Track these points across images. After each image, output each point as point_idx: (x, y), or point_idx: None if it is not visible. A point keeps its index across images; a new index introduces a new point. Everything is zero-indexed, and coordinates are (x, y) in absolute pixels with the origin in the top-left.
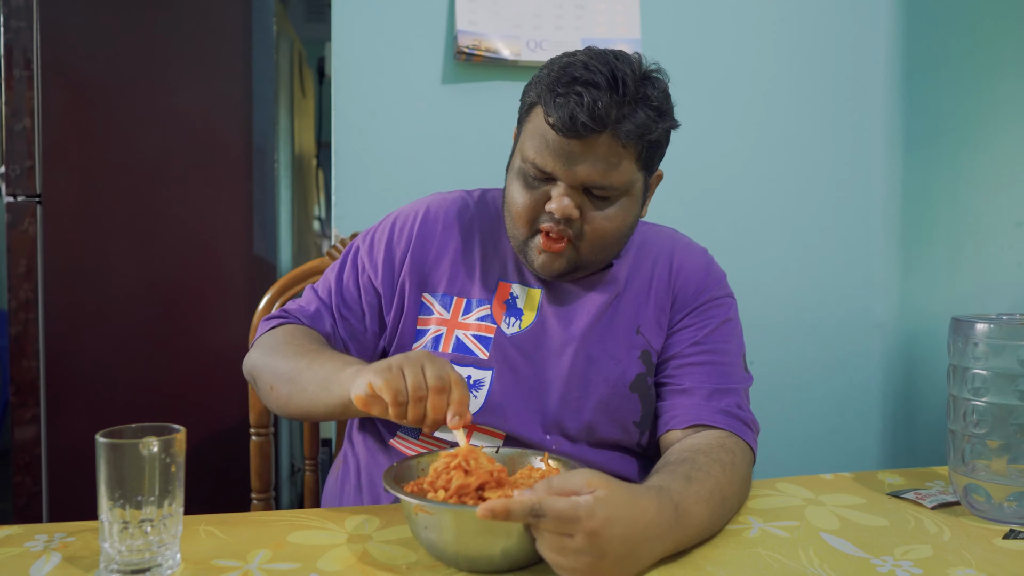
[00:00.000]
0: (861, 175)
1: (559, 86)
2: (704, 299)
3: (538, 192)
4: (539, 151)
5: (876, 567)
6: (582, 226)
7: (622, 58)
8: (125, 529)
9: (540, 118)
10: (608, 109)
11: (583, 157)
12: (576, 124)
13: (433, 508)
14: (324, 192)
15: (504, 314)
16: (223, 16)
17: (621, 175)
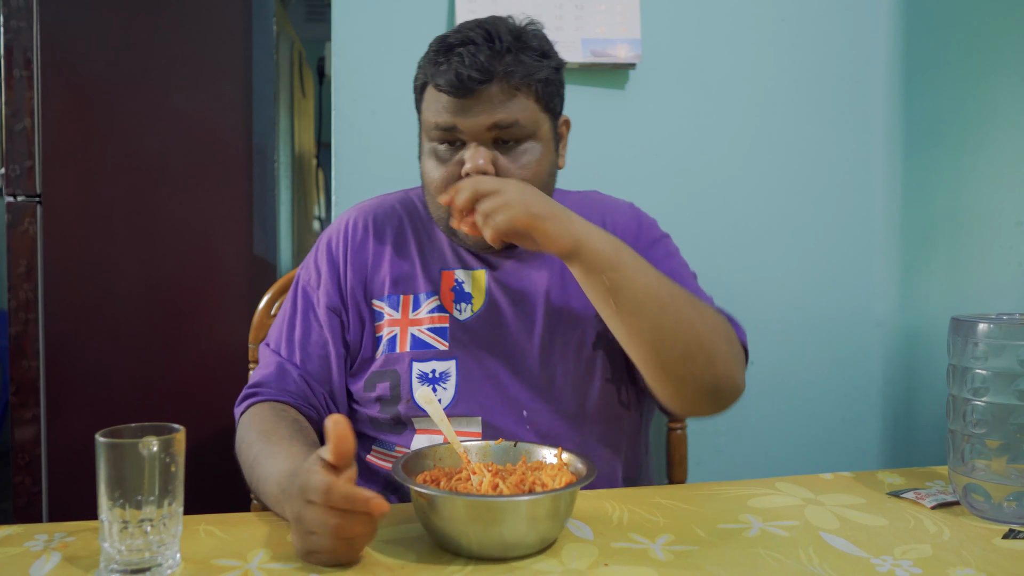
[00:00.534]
0: (861, 175)
1: (439, 56)
2: (642, 244)
3: (451, 162)
4: (438, 114)
5: (876, 566)
6: (498, 175)
7: (495, 19)
8: (125, 529)
9: (431, 93)
10: (490, 61)
11: (480, 107)
12: (463, 80)
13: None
14: (324, 192)
15: (453, 301)
16: (223, 16)
17: (523, 111)
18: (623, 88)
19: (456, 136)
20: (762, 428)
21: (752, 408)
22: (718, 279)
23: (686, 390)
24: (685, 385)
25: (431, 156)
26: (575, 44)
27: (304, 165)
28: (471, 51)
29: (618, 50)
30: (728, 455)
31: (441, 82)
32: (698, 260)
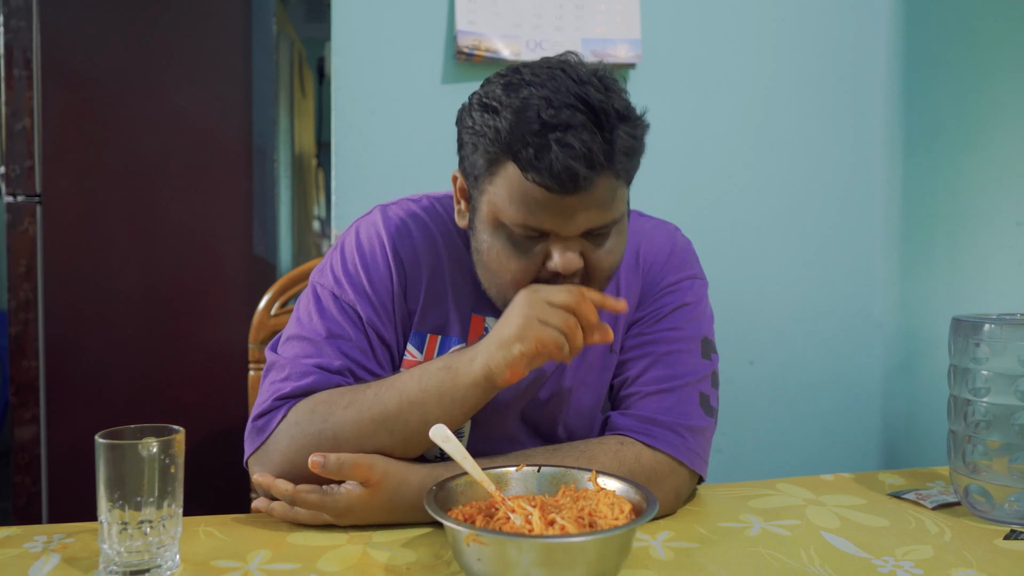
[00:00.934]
0: (861, 175)
1: (529, 135)
2: (659, 288)
3: (532, 253)
4: (529, 212)
5: (877, 567)
6: (586, 270)
7: (573, 72)
8: (124, 530)
9: (515, 176)
10: (600, 151)
11: (583, 206)
12: (578, 180)
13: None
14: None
15: None
16: (223, 16)
17: (619, 206)
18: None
19: (543, 233)
20: (762, 428)
21: (752, 408)
22: (718, 279)
23: None
24: None
25: (505, 240)
26: (575, 44)
27: (304, 165)
28: (580, 139)
29: (618, 50)
30: (728, 455)
31: (543, 177)
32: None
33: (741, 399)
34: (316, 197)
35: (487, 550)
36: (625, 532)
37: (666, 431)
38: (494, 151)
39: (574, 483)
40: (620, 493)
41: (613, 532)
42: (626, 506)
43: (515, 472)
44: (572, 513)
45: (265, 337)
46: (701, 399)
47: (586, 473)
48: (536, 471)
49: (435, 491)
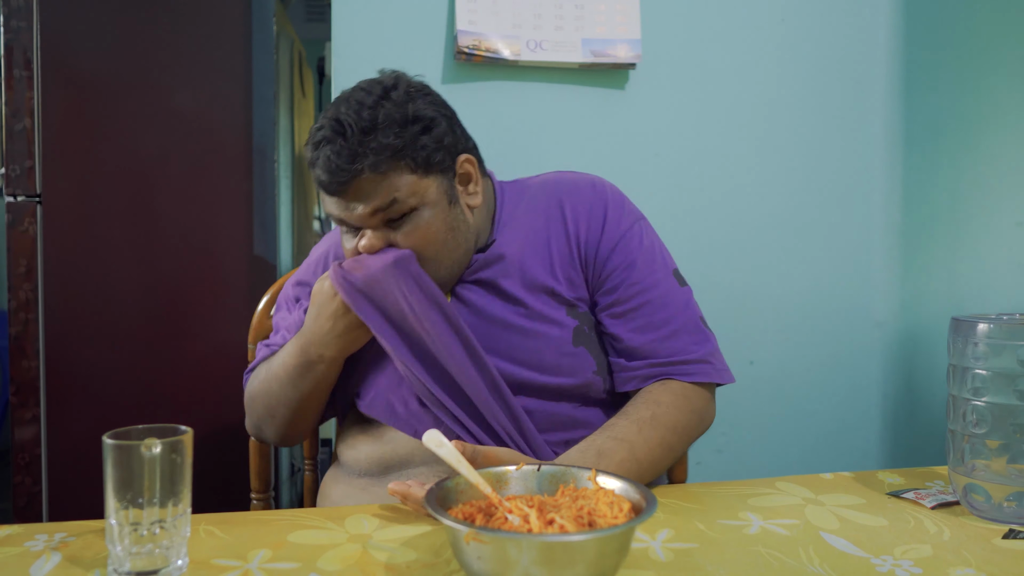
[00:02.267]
0: (861, 175)
1: (310, 152)
2: (609, 247)
3: (353, 241)
4: (327, 206)
5: (876, 566)
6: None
7: (354, 97)
8: (135, 531)
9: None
10: (345, 158)
11: (356, 198)
12: (332, 184)
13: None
14: None
15: None
16: (223, 16)
17: (398, 188)
18: (623, 88)
19: (350, 224)
20: (762, 428)
21: (752, 408)
22: (718, 279)
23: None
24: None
25: (341, 236)
26: (575, 44)
27: (304, 165)
28: (327, 152)
29: (618, 50)
30: (728, 455)
31: (317, 183)
32: (698, 260)
33: (741, 399)
34: (316, 197)
35: (487, 549)
36: (624, 531)
37: (699, 364)
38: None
39: (573, 482)
40: (619, 492)
41: (612, 531)
42: (625, 505)
43: (515, 471)
44: (571, 512)
45: (265, 337)
46: (701, 321)
47: (586, 472)
48: (536, 470)
49: (435, 490)
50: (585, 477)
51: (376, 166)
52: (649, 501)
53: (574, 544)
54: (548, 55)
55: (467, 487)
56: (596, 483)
